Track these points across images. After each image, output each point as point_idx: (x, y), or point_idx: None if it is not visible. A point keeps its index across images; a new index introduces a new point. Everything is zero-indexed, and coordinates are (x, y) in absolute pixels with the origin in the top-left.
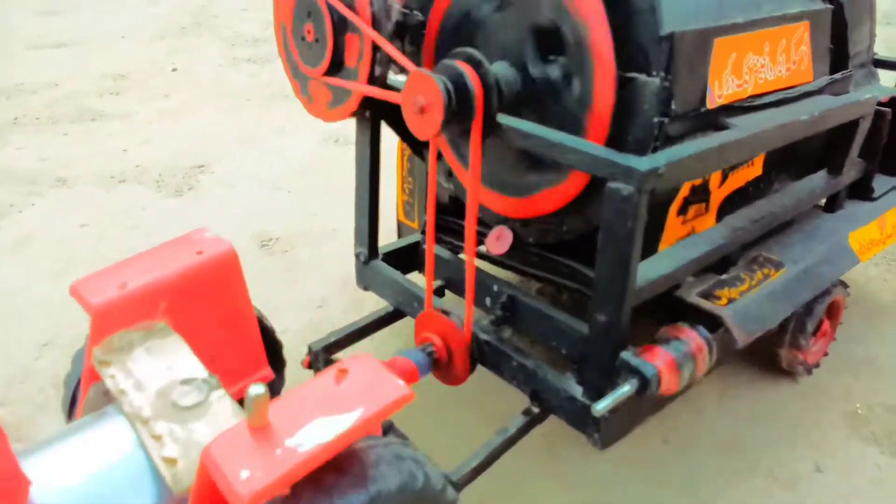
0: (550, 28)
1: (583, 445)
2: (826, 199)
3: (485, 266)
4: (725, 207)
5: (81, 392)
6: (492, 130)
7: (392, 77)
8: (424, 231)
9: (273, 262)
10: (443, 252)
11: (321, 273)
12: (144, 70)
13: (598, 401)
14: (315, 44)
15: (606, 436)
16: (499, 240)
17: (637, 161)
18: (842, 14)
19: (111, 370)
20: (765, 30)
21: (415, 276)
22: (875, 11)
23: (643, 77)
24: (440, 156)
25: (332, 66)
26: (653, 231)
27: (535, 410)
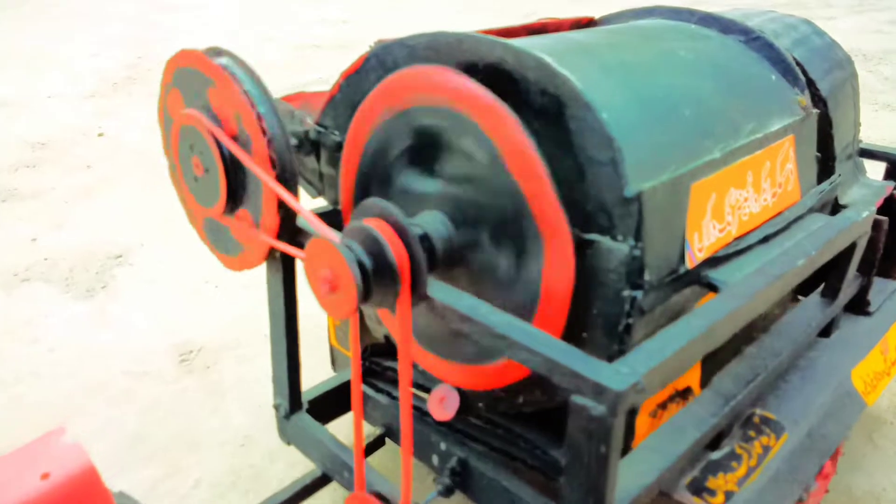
0: (484, 188)
1: None
2: None
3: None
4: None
5: None
6: (422, 300)
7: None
8: None
9: (193, 382)
10: (380, 398)
11: (248, 398)
12: (67, 137)
13: None
14: (206, 175)
15: None
16: (442, 402)
17: (610, 375)
18: (826, 115)
19: None
20: (746, 158)
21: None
22: (859, 94)
23: (607, 241)
24: None
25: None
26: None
27: None
